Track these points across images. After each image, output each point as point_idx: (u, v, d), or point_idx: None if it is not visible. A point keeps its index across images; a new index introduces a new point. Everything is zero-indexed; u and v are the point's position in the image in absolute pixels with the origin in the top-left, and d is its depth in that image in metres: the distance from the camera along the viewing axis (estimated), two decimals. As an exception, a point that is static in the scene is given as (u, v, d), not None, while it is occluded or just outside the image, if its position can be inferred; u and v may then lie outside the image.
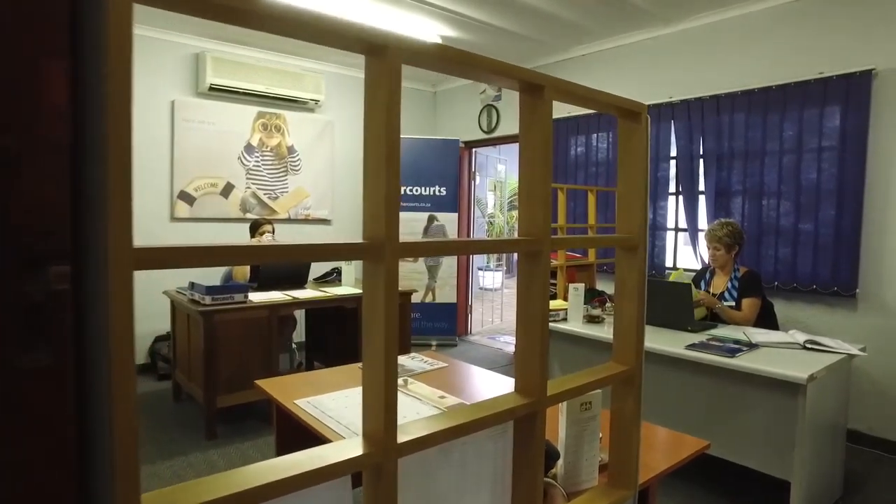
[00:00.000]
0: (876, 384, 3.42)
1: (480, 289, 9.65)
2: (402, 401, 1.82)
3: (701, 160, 4.15)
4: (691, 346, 2.63)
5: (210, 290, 3.38)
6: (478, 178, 9.27)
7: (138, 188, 4.70)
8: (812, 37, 3.63)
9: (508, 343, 6.00)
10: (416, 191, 5.86)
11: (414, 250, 0.72)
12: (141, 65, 4.60)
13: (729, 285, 3.38)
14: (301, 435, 1.69)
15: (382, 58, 0.62)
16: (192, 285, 3.54)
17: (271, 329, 3.62)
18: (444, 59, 0.69)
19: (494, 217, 10.24)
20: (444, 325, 5.90)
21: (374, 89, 0.64)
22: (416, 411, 1.72)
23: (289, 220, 5.60)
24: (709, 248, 3.45)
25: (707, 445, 1.48)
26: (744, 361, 2.41)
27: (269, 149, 5.42)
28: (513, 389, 0.88)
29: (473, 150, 6.34)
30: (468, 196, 6.34)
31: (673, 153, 4.33)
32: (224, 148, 5.12)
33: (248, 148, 5.28)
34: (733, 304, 3.29)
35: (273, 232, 4.52)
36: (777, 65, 3.77)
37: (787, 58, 3.74)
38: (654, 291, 3.19)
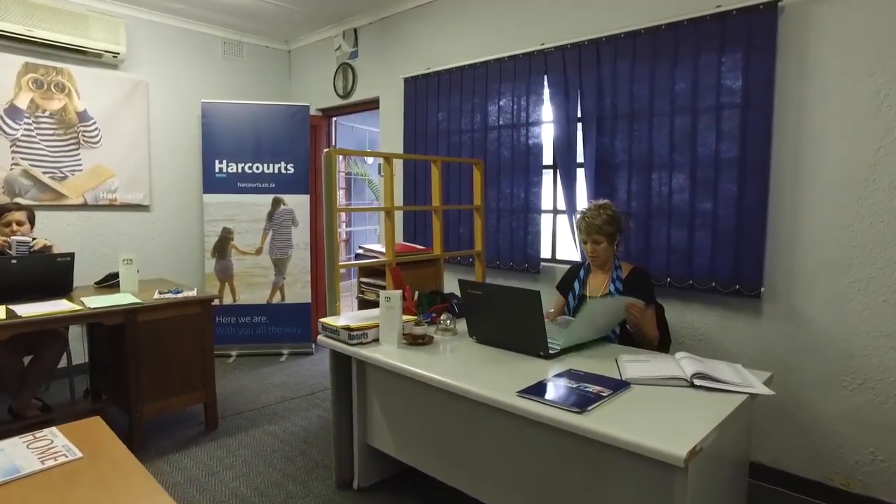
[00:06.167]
0: (781, 408, 2.69)
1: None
2: None
3: (579, 124, 3.29)
4: (527, 392, 1.73)
5: None
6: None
7: None
8: (708, -38, 2.81)
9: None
10: (258, 168, 4.74)
11: None
12: None
13: (611, 287, 2.55)
14: None
15: None
16: None
17: (-34, 366, 2.47)
18: None
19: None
20: (297, 331, 4.85)
21: None
22: None
23: (86, 207, 4.36)
24: (586, 242, 2.60)
25: None
26: (594, 421, 1.53)
27: (47, 114, 4.13)
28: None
29: (333, 119, 5.26)
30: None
31: (548, 117, 3.45)
32: (-31, 110, 3.80)
33: (13, 111, 3.98)
34: None
35: (30, 223, 3.32)
36: (667, -1, 2.95)
37: (678, -10, 2.91)
38: (496, 301, 2.29)
